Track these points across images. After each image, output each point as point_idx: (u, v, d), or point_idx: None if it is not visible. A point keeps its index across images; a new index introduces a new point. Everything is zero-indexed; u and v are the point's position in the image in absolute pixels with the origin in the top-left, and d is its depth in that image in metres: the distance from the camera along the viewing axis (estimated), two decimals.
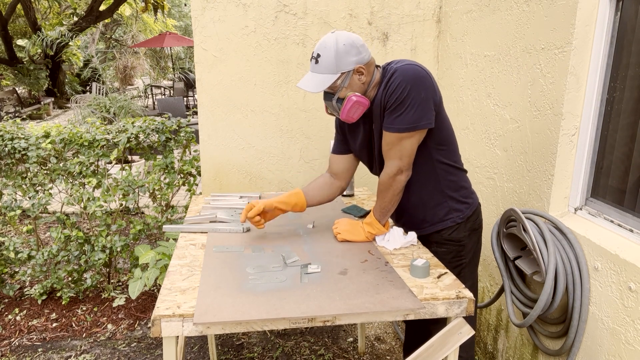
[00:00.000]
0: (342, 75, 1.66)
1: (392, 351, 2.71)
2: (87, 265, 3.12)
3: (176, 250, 1.77)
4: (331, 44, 1.64)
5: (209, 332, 1.34)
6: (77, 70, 16.17)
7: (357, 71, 1.67)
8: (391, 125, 1.65)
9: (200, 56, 2.87)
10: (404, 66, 1.64)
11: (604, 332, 1.69)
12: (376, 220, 1.80)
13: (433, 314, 1.42)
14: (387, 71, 1.69)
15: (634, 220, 1.69)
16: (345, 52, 1.64)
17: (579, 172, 1.93)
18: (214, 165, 3.03)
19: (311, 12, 2.85)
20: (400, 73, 1.62)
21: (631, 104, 1.72)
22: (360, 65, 1.66)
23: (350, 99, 1.66)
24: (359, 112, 1.70)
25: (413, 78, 1.61)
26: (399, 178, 1.70)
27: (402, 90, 1.60)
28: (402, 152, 1.67)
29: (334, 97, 1.70)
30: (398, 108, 1.62)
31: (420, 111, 1.62)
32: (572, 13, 1.80)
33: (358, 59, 1.66)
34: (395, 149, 1.68)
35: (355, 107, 1.68)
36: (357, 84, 1.69)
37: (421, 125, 1.64)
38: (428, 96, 1.63)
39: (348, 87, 1.68)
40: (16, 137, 3.01)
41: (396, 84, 1.61)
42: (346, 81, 1.67)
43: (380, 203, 1.77)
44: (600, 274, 1.70)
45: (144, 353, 2.71)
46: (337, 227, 1.85)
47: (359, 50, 1.66)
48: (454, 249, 1.82)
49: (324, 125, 3.03)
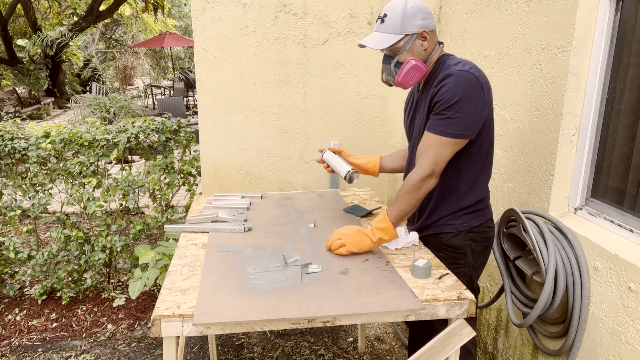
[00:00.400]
0: (406, 37, 1.63)
1: (392, 351, 2.71)
2: (87, 265, 3.12)
3: (177, 250, 1.77)
4: (399, 4, 1.62)
5: (208, 332, 1.34)
6: (77, 70, 16.17)
7: (421, 35, 1.64)
8: (437, 127, 1.61)
9: (200, 56, 2.87)
10: (460, 72, 1.58)
11: (604, 332, 1.69)
12: (391, 224, 1.68)
13: (434, 315, 1.42)
14: (444, 66, 1.66)
15: (634, 220, 1.69)
16: (412, 14, 1.61)
17: (579, 172, 1.93)
18: (214, 165, 3.03)
19: (311, 12, 2.85)
20: (455, 79, 1.57)
21: (631, 104, 1.73)
22: (425, 30, 1.63)
23: (409, 62, 1.62)
24: (415, 78, 1.65)
25: (465, 88, 1.56)
26: (429, 182, 1.64)
27: (452, 96, 1.56)
28: (441, 157, 1.62)
29: (394, 60, 1.67)
30: (446, 111, 1.58)
31: (468, 121, 1.58)
32: (572, 13, 1.80)
33: (424, 23, 1.63)
34: (433, 152, 1.62)
35: (413, 72, 1.64)
36: (419, 50, 1.66)
37: (465, 135, 1.61)
38: (477, 108, 1.59)
39: (409, 51, 1.65)
40: (16, 137, 3.01)
41: (447, 87, 1.57)
42: (408, 44, 1.63)
43: (400, 206, 1.67)
44: (600, 274, 1.70)
45: (144, 353, 2.71)
46: (342, 239, 1.70)
47: (425, 15, 1.63)
48: (452, 256, 1.77)
49: (324, 125, 3.03)
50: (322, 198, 2.37)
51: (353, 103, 3.02)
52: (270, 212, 2.17)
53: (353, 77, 2.98)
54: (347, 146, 3.09)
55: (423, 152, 1.65)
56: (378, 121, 3.08)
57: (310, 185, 3.12)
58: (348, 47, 2.93)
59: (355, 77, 2.98)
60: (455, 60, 1.66)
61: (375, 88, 3.02)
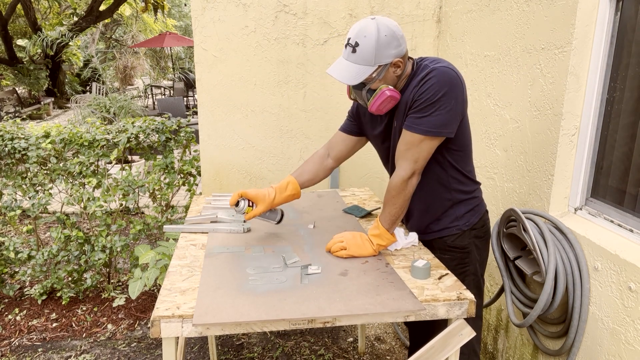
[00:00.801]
0: (379, 68, 1.58)
1: (392, 351, 2.71)
2: (87, 265, 3.12)
3: (176, 250, 1.77)
4: (372, 33, 1.54)
5: (208, 333, 1.34)
6: (77, 70, 16.17)
7: (394, 64, 1.59)
8: (415, 126, 1.58)
9: (200, 56, 2.87)
10: (441, 68, 1.56)
11: (604, 332, 1.69)
12: (385, 230, 1.68)
13: (434, 316, 1.42)
14: (421, 67, 1.62)
15: (634, 220, 1.69)
16: (386, 44, 1.54)
17: (579, 172, 1.93)
18: (214, 165, 3.03)
19: (311, 12, 2.85)
20: (437, 75, 1.54)
21: (631, 104, 1.72)
22: (398, 58, 1.58)
23: (383, 93, 1.59)
24: (389, 106, 1.64)
25: (448, 84, 1.54)
26: (412, 182, 1.63)
27: (435, 93, 1.53)
28: (420, 154, 1.60)
29: (365, 87, 1.63)
30: (426, 109, 1.56)
31: (448, 118, 1.56)
32: (572, 13, 1.80)
33: (397, 51, 1.57)
34: (413, 151, 1.60)
35: (387, 102, 1.61)
36: (392, 77, 1.62)
37: (444, 133, 1.59)
38: (457, 106, 1.57)
39: (382, 79, 1.61)
40: (16, 137, 3.01)
41: (430, 84, 1.54)
42: (382, 74, 1.59)
43: (389, 210, 1.66)
44: (600, 274, 1.70)
45: (144, 353, 2.71)
46: (344, 242, 1.70)
47: (399, 41, 1.57)
48: (458, 256, 1.77)
49: (324, 125, 3.03)
50: (322, 198, 2.37)
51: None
52: None
53: None
54: None
55: (402, 152, 1.63)
56: None
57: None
58: None
59: None
60: (429, 59, 1.63)
61: None
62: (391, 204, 1.66)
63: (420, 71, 1.60)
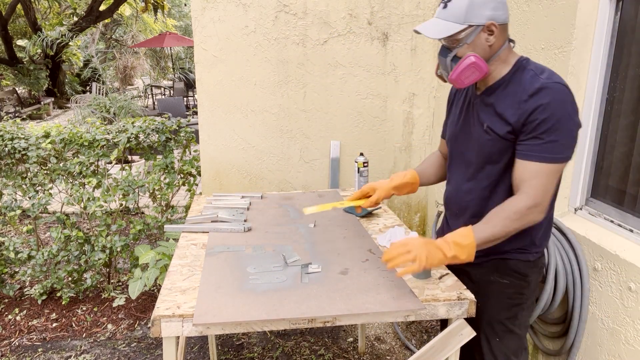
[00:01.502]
0: (469, 28, 1.37)
1: (392, 351, 2.71)
2: (87, 265, 3.12)
3: (177, 250, 1.77)
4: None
5: (208, 332, 1.35)
6: (77, 70, 16.17)
7: (487, 28, 1.37)
8: (543, 154, 1.33)
9: (200, 56, 2.87)
10: (556, 85, 1.33)
11: (604, 332, 1.69)
12: (475, 244, 1.36)
13: (434, 315, 1.42)
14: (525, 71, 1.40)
15: (634, 220, 1.69)
16: (481, 2, 1.35)
17: (579, 172, 1.93)
18: (214, 165, 3.03)
19: (311, 12, 2.85)
20: (552, 95, 1.32)
21: (631, 104, 1.73)
22: (493, 22, 1.36)
23: (468, 58, 1.37)
24: (473, 78, 1.40)
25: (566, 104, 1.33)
26: (534, 214, 1.36)
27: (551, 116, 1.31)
28: (549, 187, 1.36)
29: (451, 53, 1.42)
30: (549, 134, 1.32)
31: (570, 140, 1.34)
32: (572, 13, 1.80)
33: (493, 14, 1.36)
34: (541, 181, 1.35)
35: (471, 70, 1.38)
36: (483, 45, 1.39)
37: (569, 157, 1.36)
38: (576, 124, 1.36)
39: (471, 44, 1.39)
40: (16, 137, 3.01)
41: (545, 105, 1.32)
42: (471, 37, 1.38)
43: (494, 229, 1.37)
44: (600, 274, 1.70)
45: (144, 353, 2.71)
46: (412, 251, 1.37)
47: (497, 5, 1.37)
48: (518, 284, 1.51)
49: (324, 125, 3.03)
50: (323, 198, 2.37)
51: (353, 103, 3.02)
52: (270, 212, 2.17)
53: (353, 77, 2.98)
54: (347, 146, 3.09)
55: (527, 180, 1.36)
56: (378, 121, 3.08)
57: (310, 185, 3.12)
58: (348, 47, 2.93)
59: (355, 77, 2.98)
60: (539, 68, 1.40)
61: (376, 88, 3.02)
62: (499, 225, 1.37)
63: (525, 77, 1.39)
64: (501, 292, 1.51)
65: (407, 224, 3.28)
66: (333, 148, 3.06)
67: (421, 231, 3.32)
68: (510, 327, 1.53)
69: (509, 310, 1.52)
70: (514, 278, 1.51)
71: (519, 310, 1.53)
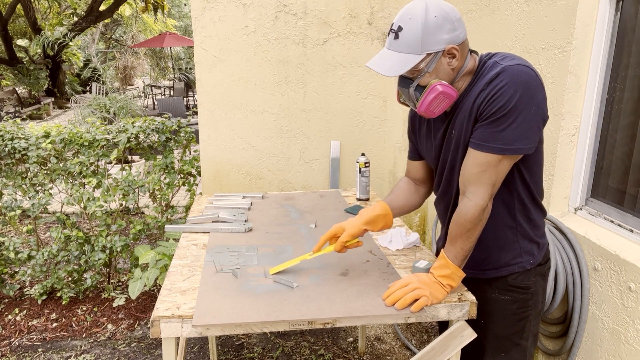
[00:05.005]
0: (428, 56, 1.28)
1: (392, 351, 2.71)
2: (87, 265, 3.12)
3: (177, 250, 1.77)
4: (419, 14, 1.25)
5: (208, 333, 1.34)
6: (77, 70, 16.17)
7: (448, 53, 1.28)
8: (490, 143, 1.28)
9: (200, 56, 2.87)
10: (515, 67, 1.25)
11: (604, 332, 1.69)
12: (457, 267, 1.37)
13: (435, 317, 1.41)
14: (488, 66, 1.32)
15: (634, 220, 1.69)
16: (436, 27, 1.25)
17: (579, 172, 1.93)
18: (214, 165, 3.03)
19: (311, 12, 2.85)
20: (510, 76, 1.24)
21: (631, 104, 1.72)
22: (453, 45, 1.27)
23: (434, 88, 1.29)
24: (443, 106, 1.32)
25: (525, 86, 1.23)
26: (488, 209, 1.34)
27: (509, 99, 1.23)
28: (497, 177, 1.30)
29: (413, 83, 1.33)
30: (500, 121, 1.25)
31: (527, 130, 1.25)
32: (572, 13, 1.80)
33: (451, 37, 1.27)
34: (489, 173, 1.30)
35: (440, 100, 1.30)
36: (445, 70, 1.31)
37: (524, 149, 1.28)
38: (538, 112, 1.26)
39: (433, 72, 1.30)
40: (16, 137, 3.01)
41: (502, 88, 1.24)
42: (432, 65, 1.29)
43: (462, 245, 1.36)
44: (600, 274, 1.70)
45: (144, 353, 2.71)
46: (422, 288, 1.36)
47: (454, 25, 1.27)
48: (521, 298, 1.45)
49: (324, 125, 3.03)
50: (324, 198, 2.37)
51: (353, 103, 3.02)
52: (271, 212, 2.17)
53: (353, 77, 2.98)
54: (347, 146, 3.09)
55: (476, 175, 1.32)
56: (378, 121, 3.07)
57: (311, 186, 3.12)
58: (348, 47, 2.93)
59: (355, 77, 2.98)
60: (499, 55, 1.32)
61: (376, 88, 3.02)
62: (464, 238, 1.35)
63: (487, 70, 1.31)
64: (505, 309, 1.46)
65: (407, 224, 3.28)
66: (333, 148, 3.06)
67: (421, 231, 3.32)
68: (517, 341, 1.50)
69: (515, 325, 1.47)
70: (515, 293, 1.45)
71: (525, 323, 1.47)
